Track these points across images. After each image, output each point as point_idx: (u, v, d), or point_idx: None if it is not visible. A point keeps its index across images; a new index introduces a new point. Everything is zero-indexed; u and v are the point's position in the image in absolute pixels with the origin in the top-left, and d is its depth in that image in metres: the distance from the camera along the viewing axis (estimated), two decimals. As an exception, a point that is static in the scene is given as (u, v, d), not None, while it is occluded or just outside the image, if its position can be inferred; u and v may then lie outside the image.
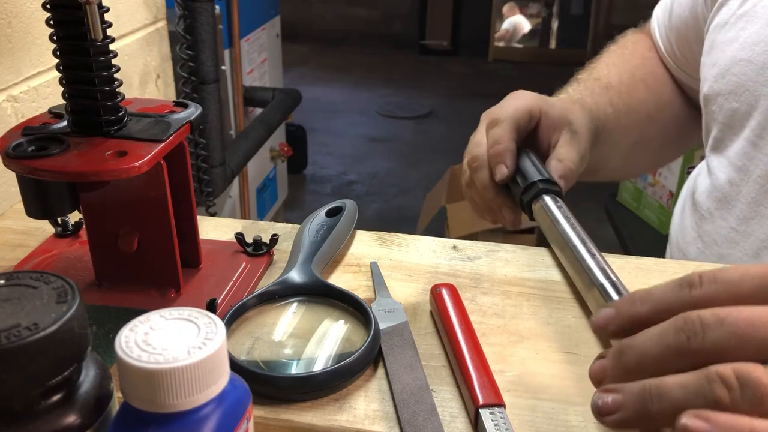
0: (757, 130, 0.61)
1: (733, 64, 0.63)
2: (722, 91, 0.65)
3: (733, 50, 0.63)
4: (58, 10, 0.44)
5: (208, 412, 0.29)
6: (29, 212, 0.49)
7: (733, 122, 0.64)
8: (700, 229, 0.69)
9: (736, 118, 0.64)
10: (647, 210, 2.01)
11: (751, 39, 0.62)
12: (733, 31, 0.64)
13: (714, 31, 0.67)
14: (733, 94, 0.63)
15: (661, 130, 0.79)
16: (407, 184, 3.25)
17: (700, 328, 0.34)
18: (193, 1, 1.41)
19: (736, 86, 0.63)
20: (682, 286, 0.36)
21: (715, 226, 0.66)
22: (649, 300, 0.37)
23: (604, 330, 0.39)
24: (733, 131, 0.64)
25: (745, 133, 0.63)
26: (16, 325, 0.28)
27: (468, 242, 0.60)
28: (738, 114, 0.63)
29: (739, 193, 0.64)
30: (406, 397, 0.42)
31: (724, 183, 0.65)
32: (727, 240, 0.65)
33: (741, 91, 0.62)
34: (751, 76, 0.61)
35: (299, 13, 5.08)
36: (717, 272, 0.36)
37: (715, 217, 0.66)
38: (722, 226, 0.65)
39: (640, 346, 0.35)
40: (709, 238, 0.67)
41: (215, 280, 0.53)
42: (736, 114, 0.63)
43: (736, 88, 0.63)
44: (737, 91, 0.63)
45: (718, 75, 0.65)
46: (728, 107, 0.64)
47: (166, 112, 0.49)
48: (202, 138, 1.55)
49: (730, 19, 0.65)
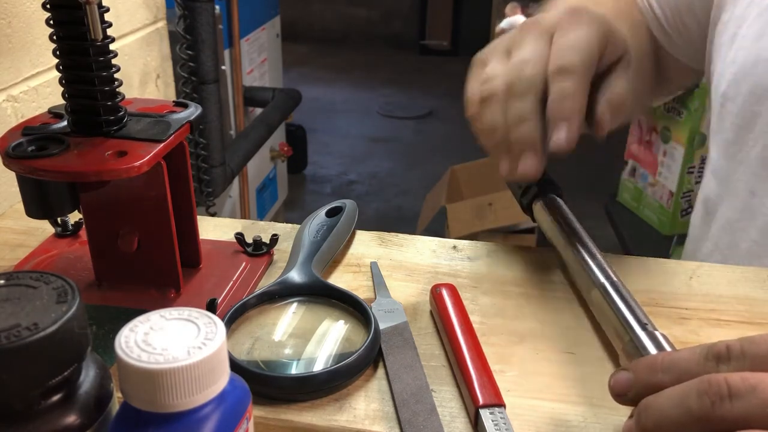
0: None
1: (756, 64, 0.59)
2: (742, 91, 0.60)
3: (757, 48, 0.59)
4: (58, 10, 0.44)
5: (208, 412, 0.29)
6: (29, 212, 0.49)
7: (752, 126, 0.60)
8: (719, 241, 0.65)
9: (756, 122, 0.59)
10: (647, 210, 2.01)
11: None
12: (756, 27, 0.59)
13: (732, 23, 0.62)
14: (754, 95, 0.59)
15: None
16: (407, 184, 3.25)
17: (726, 393, 0.32)
18: (193, 1, 1.41)
19: (757, 87, 0.59)
20: (708, 359, 0.34)
21: (735, 238, 0.63)
22: (672, 370, 0.35)
23: (623, 398, 0.37)
24: (753, 136, 0.60)
25: (765, 140, 0.59)
26: (16, 325, 0.28)
27: (468, 242, 0.60)
28: (760, 118, 0.59)
29: (762, 204, 0.60)
30: (406, 397, 0.42)
31: (744, 192, 0.61)
32: (748, 254, 0.62)
33: (763, 93, 0.58)
34: None
35: (299, 13, 5.08)
36: (745, 345, 0.34)
37: (735, 229, 0.63)
38: (743, 239, 0.62)
39: (659, 408, 0.34)
40: (729, 250, 0.64)
41: (215, 280, 0.53)
42: (756, 117, 0.59)
43: (758, 90, 0.59)
44: (760, 93, 0.59)
45: (738, 73, 0.61)
46: (749, 110, 0.60)
47: (166, 112, 0.49)
48: (202, 138, 1.55)
49: (751, 11, 0.60)
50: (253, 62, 2.22)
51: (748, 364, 0.33)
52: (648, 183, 2.00)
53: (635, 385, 0.36)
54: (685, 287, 0.54)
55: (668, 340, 0.41)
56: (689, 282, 0.55)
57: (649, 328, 0.42)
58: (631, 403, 0.37)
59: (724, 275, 0.55)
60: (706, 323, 0.50)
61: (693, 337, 0.49)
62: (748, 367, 0.33)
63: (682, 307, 0.52)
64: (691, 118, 1.80)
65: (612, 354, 0.46)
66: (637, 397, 0.36)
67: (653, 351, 0.41)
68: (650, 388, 0.35)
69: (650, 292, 0.53)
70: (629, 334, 0.43)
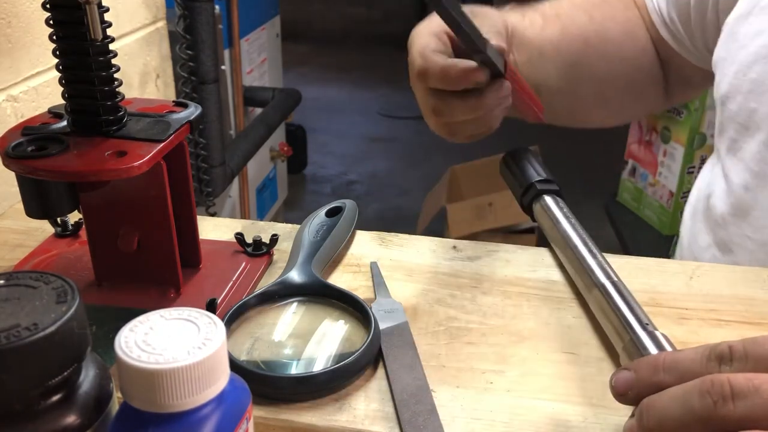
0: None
1: (755, 62, 0.59)
2: (741, 89, 0.61)
3: (756, 46, 0.59)
4: (58, 10, 0.44)
5: (208, 412, 0.29)
6: (29, 212, 0.49)
7: (750, 123, 0.61)
8: (715, 236, 0.66)
9: (754, 120, 0.60)
10: (647, 210, 2.01)
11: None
12: (757, 25, 0.60)
13: (736, 22, 0.62)
14: (753, 93, 0.60)
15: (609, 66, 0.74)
16: (407, 184, 3.25)
17: (729, 393, 0.32)
18: (193, 1, 1.41)
19: (756, 85, 0.59)
20: (711, 359, 0.34)
21: (730, 233, 0.64)
22: (674, 370, 0.35)
23: (624, 398, 0.37)
24: (749, 133, 0.61)
25: (761, 136, 0.59)
26: (15, 325, 0.28)
27: (468, 242, 0.60)
28: (756, 115, 0.60)
29: (755, 200, 0.61)
30: (406, 397, 0.42)
31: (739, 188, 0.62)
32: (742, 249, 0.62)
33: (761, 90, 0.59)
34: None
35: (299, 13, 5.08)
36: (747, 346, 0.34)
37: (729, 224, 0.64)
38: (737, 234, 0.63)
39: (661, 407, 0.34)
40: (725, 245, 0.64)
41: (215, 280, 0.53)
42: (754, 115, 0.60)
43: (757, 87, 0.59)
44: (757, 90, 0.59)
45: (738, 72, 0.61)
46: (747, 107, 0.60)
47: (166, 112, 0.49)
48: (202, 138, 1.55)
49: (754, 9, 0.60)
50: (253, 62, 2.22)
51: (751, 365, 0.33)
52: (648, 183, 2.00)
53: (637, 385, 0.36)
54: (685, 287, 0.54)
55: (669, 340, 0.41)
56: (689, 282, 0.55)
57: (649, 328, 0.42)
58: (632, 402, 0.36)
59: (724, 275, 0.55)
60: (706, 323, 0.50)
61: (693, 337, 0.49)
62: (750, 367, 0.33)
63: (682, 307, 0.52)
64: (691, 118, 1.80)
65: (612, 354, 0.46)
66: (639, 396, 0.36)
67: (654, 351, 0.41)
68: (652, 388, 0.35)
69: (650, 292, 0.53)
70: (630, 334, 0.43)
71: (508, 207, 2.26)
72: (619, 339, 0.44)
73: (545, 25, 0.71)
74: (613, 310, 0.45)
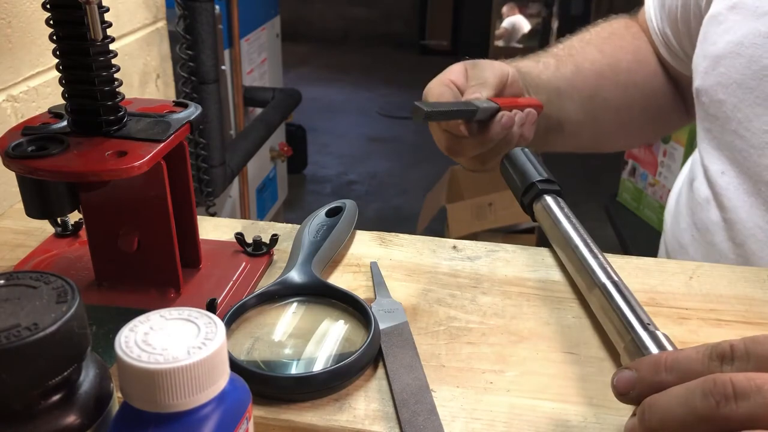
0: (744, 122, 0.63)
1: (723, 57, 0.65)
2: (712, 83, 0.66)
3: (724, 43, 0.65)
4: (58, 10, 0.44)
5: (208, 412, 0.29)
6: (29, 212, 0.49)
7: (721, 114, 0.66)
8: (694, 217, 0.71)
9: (722, 110, 0.65)
10: (647, 210, 2.01)
11: (741, 32, 0.63)
12: (725, 24, 0.65)
13: (707, 23, 0.68)
14: (722, 86, 0.65)
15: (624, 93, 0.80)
16: (407, 184, 3.25)
17: (732, 393, 0.32)
18: (193, 1, 1.41)
19: (724, 79, 0.64)
20: (712, 358, 0.35)
21: (708, 214, 0.68)
22: (675, 369, 0.35)
23: (626, 397, 0.37)
24: (720, 123, 0.66)
25: (732, 126, 0.64)
26: (15, 325, 0.28)
27: (468, 242, 0.60)
28: (726, 106, 0.65)
29: (729, 183, 0.65)
30: (406, 397, 0.42)
31: (715, 173, 0.67)
32: (718, 228, 0.67)
33: (729, 83, 0.64)
34: (739, 69, 0.63)
35: (299, 13, 5.08)
36: (749, 345, 0.34)
37: (708, 205, 0.68)
38: (714, 215, 0.67)
39: (663, 406, 0.34)
40: (703, 225, 0.69)
41: (215, 280, 0.53)
42: (723, 106, 0.65)
43: (725, 81, 0.64)
44: (725, 83, 0.64)
45: (709, 67, 0.67)
46: (717, 99, 0.66)
47: (166, 112, 0.49)
48: (202, 138, 1.55)
49: (722, 10, 0.66)
50: (253, 62, 2.23)
51: (752, 365, 0.33)
52: (648, 183, 2.00)
53: (639, 384, 0.36)
54: (684, 287, 0.54)
55: (670, 340, 0.41)
56: (689, 282, 0.55)
57: (651, 328, 0.42)
58: (633, 402, 0.36)
59: (723, 275, 0.55)
60: (706, 323, 0.50)
61: (693, 337, 0.49)
62: (752, 367, 0.33)
63: (682, 307, 0.52)
64: (691, 118, 1.80)
65: (612, 354, 0.46)
66: (640, 396, 0.36)
67: (655, 351, 0.41)
68: (654, 387, 0.35)
69: (650, 292, 0.53)
70: (631, 334, 0.43)
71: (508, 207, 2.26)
72: (620, 339, 0.44)
73: (559, 65, 0.78)
74: (614, 310, 0.45)
